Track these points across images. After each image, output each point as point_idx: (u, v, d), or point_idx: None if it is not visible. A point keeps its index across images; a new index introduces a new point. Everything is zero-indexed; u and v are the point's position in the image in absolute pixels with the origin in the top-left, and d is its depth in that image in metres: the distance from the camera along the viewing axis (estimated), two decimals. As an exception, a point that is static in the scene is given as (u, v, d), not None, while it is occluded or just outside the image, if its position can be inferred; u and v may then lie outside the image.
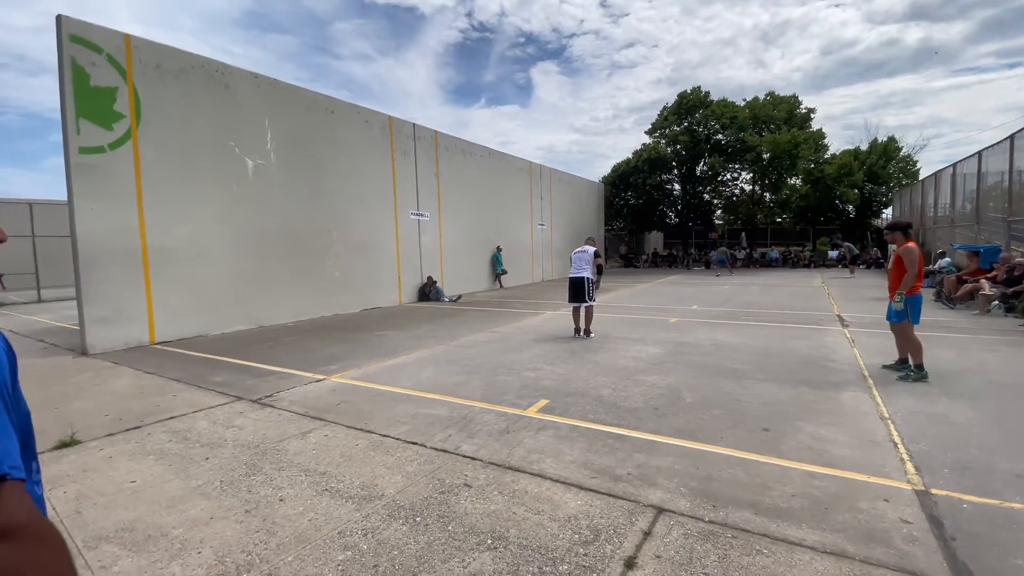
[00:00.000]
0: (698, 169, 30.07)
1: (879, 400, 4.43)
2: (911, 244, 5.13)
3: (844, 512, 2.62)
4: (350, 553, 2.37)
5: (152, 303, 7.84)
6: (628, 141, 78.59)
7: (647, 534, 2.48)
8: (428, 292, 13.22)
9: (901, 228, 5.33)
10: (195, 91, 8.43)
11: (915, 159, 27.83)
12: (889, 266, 5.37)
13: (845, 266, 21.57)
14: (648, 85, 63.76)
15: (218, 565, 2.30)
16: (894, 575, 2.11)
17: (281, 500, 2.89)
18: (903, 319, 5.13)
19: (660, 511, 2.69)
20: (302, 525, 2.62)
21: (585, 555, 2.32)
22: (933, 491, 2.81)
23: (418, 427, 4.00)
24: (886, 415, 4.06)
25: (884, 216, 28.75)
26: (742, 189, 31.11)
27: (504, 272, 16.95)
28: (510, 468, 3.24)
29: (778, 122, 28.04)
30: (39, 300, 15.58)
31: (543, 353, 6.60)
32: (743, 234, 28.99)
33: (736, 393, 4.74)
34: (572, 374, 5.51)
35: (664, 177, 30.41)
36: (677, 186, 31.27)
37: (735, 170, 30.14)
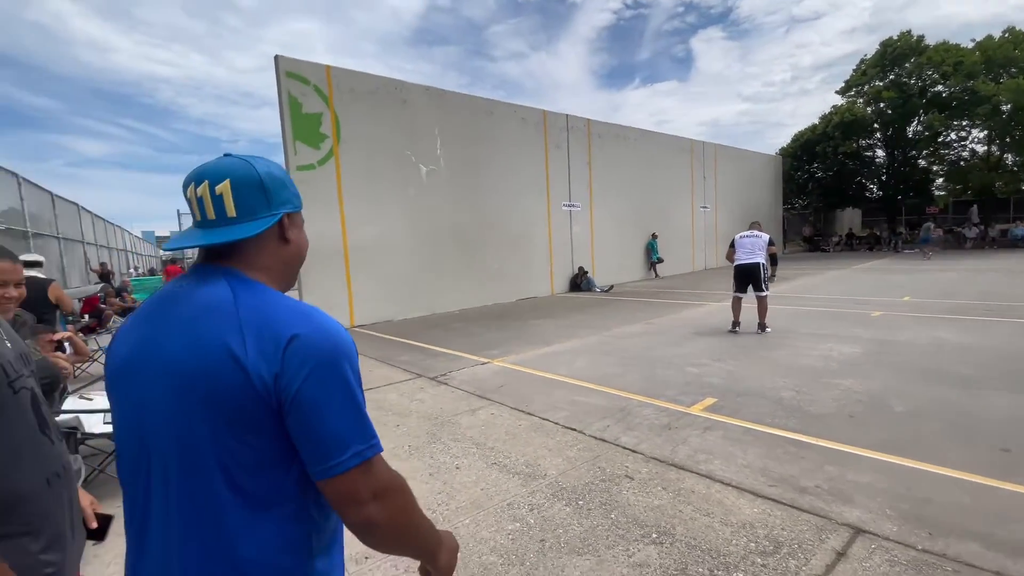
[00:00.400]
0: (909, 130, 24.71)
1: None
2: None
3: None
4: (519, 524, 2.54)
5: (352, 293, 9.31)
6: (811, 105, 68.23)
7: (841, 555, 2.17)
8: (579, 282, 13.30)
9: None
10: (379, 109, 9.70)
11: None
12: None
13: None
14: (838, 37, 54.42)
15: (410, 518, 2.67)
16: None
17: (457, 468, 3.22)
18: None
19: (858, 531, 2.33)
20: (476, 493, 2.89)
21: (763, 566, 2.13)
22: None
23: (576, 414, 4.08)
24: None
25: None
26: (972, 151, 24.72)
27: (660, 260, 16.19)
28: (674, 465, 3.12)
29: (1022, 64, 21.51)
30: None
31: (708, 348, 6.17)
32: (974, 207, 23.02)
33: (963, 404, 3.85)
34: (744, 372, 5.05)
35: (862, 143, 25.69)
36: (880, 152, 26.20)
37: (962, 128, 24.05)
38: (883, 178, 26.24)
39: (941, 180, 26.09)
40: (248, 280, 0.78)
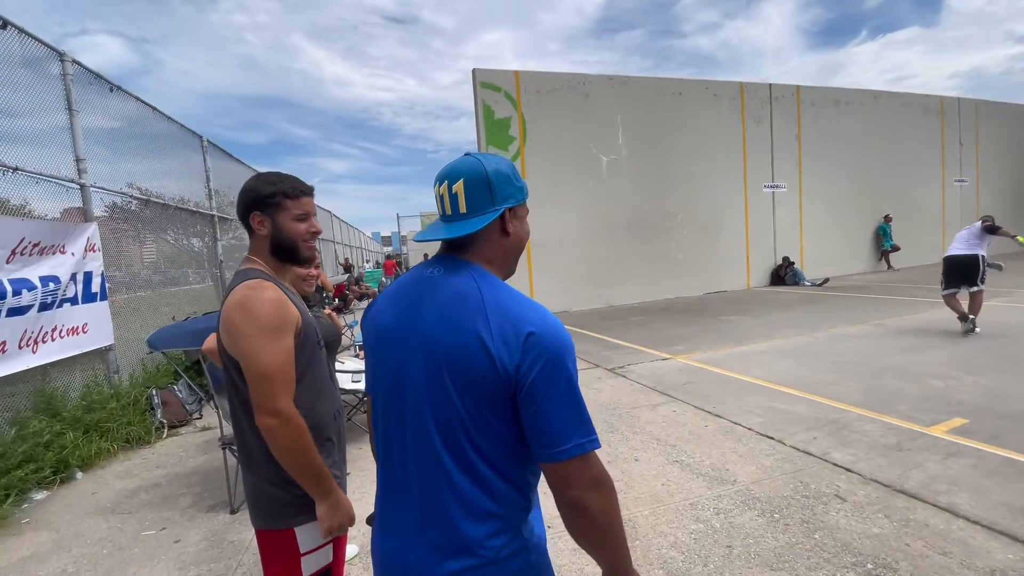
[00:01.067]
0: None
1: None
2: None
3: None
4: (702, 526, 2.44)
5: (533, 285, 9.87)
6: None
7: None
8: (783, 275, 11.73)
9: None
10: (562, 105, 10.01)
11: None
12: None
13: None
14: None
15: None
16: None
17: (636, 460, 3.22)
18: None
19: None
20: (656, 487, 2.86)
21: (1037, 638, 1.67)
22: None
23: (773, 421, 3.68)
24: None
25: None
26: None
27: (895, 248, 13.28)
28: (902, 492, 2.61)
29: None
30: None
31: (960, 356, 4.92)
32: None
33: None
34: (1009, 389, 3.91)
35: None
36: None
37: None
38: None
39: None
40: (487, 274, 0.89)
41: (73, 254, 4.23)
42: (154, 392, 4.72)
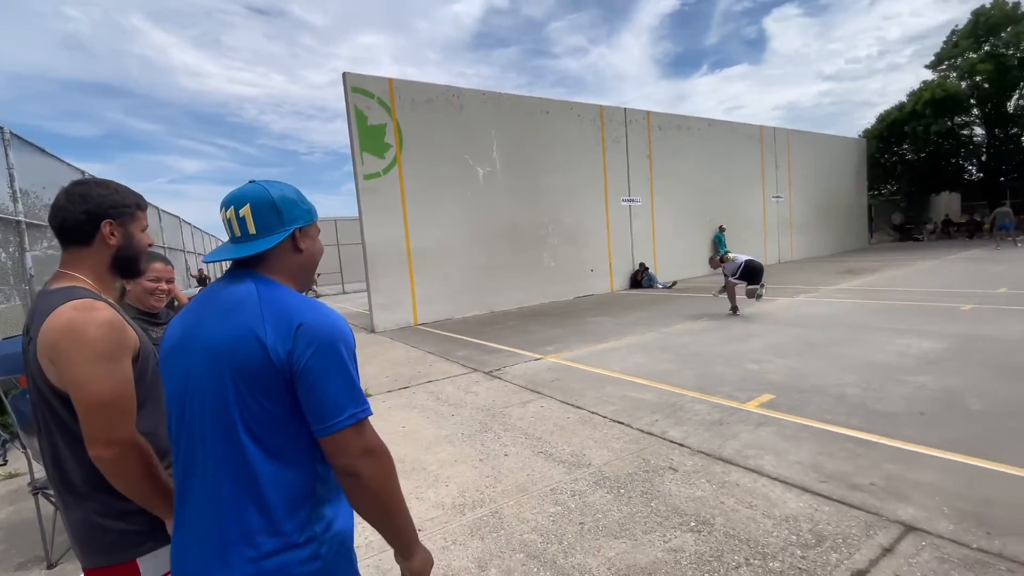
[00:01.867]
0: (1009, 105, 21.95)
1: None
2: None
3: None
4: (560, 508, 2.68)
5: (415, 293, 9.81)
6: (904, 81, 62.10)
7: (887, 550, 2.12)
8: (640, 279, 13.08)
9: None
10: (439, 116, 10.13)
11: None
12: None
13: None
14: (930, 6, 49.12)
15: (459, 497, 2.89)
16: None
17: (506, 455, 3.40)
18: None
19: (909, 529, 2.25)
20: (521, 478, 3.06)
21: (803, 557, 2.13)
22: None
23: (625, 408, 4.13)
24: None
25: None
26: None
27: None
28: (721, 459, 3.12)
29: None
30: (343, 292, 21.06)
31: (773, 344, 5.95)
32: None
33: (1062, 404, 3.49)
34: (808, 368, 4.85)
35: (957, 121, 23.14)
36: (978, 130, 23.45)
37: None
38: (982, 159, 23.46)
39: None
40: (269, 280, 0.98)
41: None
42: (-68, 438, 3.83)
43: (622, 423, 3.82)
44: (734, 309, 8.04)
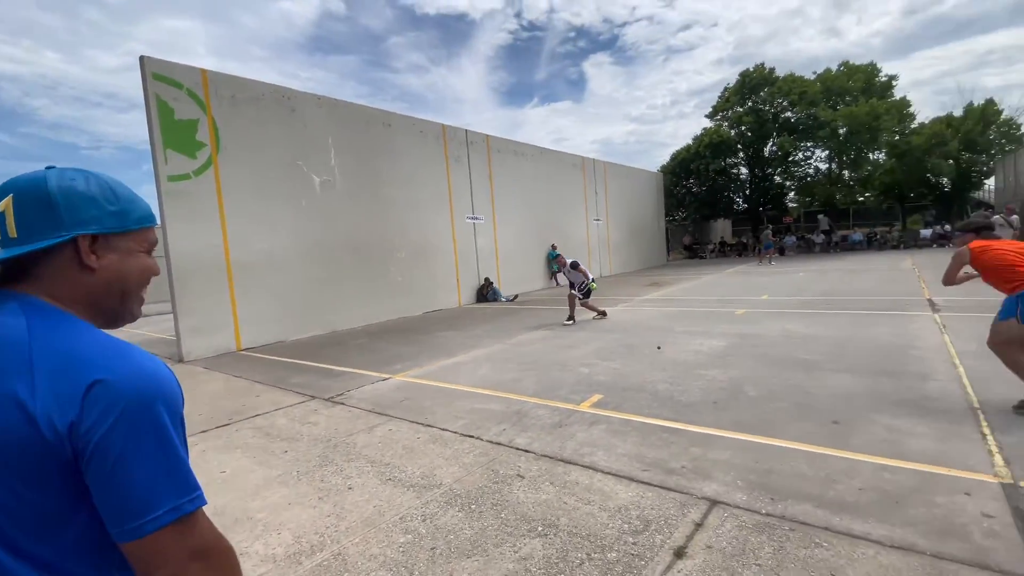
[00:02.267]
0: (766, 150, 28.41)
1: (970, 390, 4.05)
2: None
3: (918, 506, 2.45)
4: (410, 536, 2.54)
5: (237, 313, 8.62)
6: (690, 127, 75.59)
7: (699, 525, 2.45)
8: (485, 293, 13.50)
9: (974, 229, 3.83)
10: (266, 117, 9.17)
11: (1019, 122, 24.64)
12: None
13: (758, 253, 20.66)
14: (709, 67, 61.03)
15: (295, 544, 2.55)
16: (969, 570, 1.96)
17: (350, 488, 3.13)
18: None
19: (714, 503, 2.64)
20: (368, 511, 2.84)
21: (634, 544, 2.34)
22: (1023, 484, 2.56)
23: (474, 421, 4.15)
24: (976, 405, 3.70)
25: (987, 187, 25.74)
26: (817, 168, 29.04)
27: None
28: (562, 460, 3.31)
29: (855, 93, 25.90)
30: (142, 315, 17.54)
31: (599, 348, 6.58)
32: (821, 216, 26.93)
33: (805, 385, 4.51)
34: (628, 369, 5.47)
35: (729, 161, 28.99)
36: (744, 170, 29.73)
37: (808, 149, 28.16)
38: (747, 192, 29.81)
39: (793, 193, 30.23)
40: (49, 309, 0.70)
41: None
42: None
43: (472, 436, 3.82)
44: (571, 318, 8.73)
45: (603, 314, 8.99)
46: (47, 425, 0.62)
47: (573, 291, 8.84)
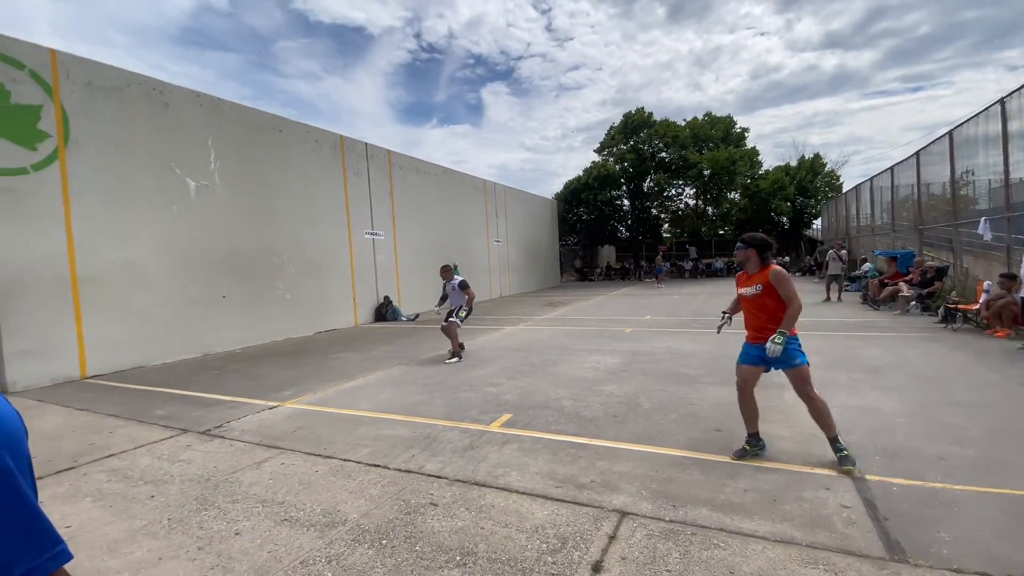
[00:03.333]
0: (645, 185, 31.33)
1: (818, 397, 4.75)
2: (776, 267, 3.43)
3: (791, 502, 2.79)
4: (314, 582, 2.30)
5: (83, 334, 7.31)
6: (578, 159, 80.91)
7: (612, 538, 2.54)
8: (384, 312, 13.00)
9: (759, 246, 3.50)
10: (131, 110, 8.06)
11: (838, 174, 30.21)
12: (748, 292, 3.51)
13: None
14: (595, 106, 66.13)
15: (171, 606, 2.18)
16: (837, 556, 2.27)
17: (237, 534, 2.76)
18: (799, 361, 3.32)
19: (624, 515, 2.77)
20: (261, 558, 2.52)
21: (554, 563, 2.36)
22: (868, 477, 3.05)
23: (380, 449, 3.93)
24: (825, 410, 4.35)
25: (815, 226, 30.88)
26: (687, 203, 32.64)
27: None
28: (476, 484, 3.24)
29: (716, 140, 29.76)
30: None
31: (504, 368, 6.64)
32: (692, 247, 30.28)
33: (690, 397, 4.94)
34: (533, 387, 5.57)
35: (614, 193, 31.43)
36: (626, 202, 32.40)
37: (679, 186, 31.61)
38: (629, 222, 32.56)
39: (667, 225, 33.61)
40: None
41: None
42: None
43: (378, 465, 3.60)
44: (457, 354, 7.35)
45: (461, 348, 7.48)
46: None
47: (453, 318, 7.41)
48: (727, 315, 3.96)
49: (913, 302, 9.98)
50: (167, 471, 3.69)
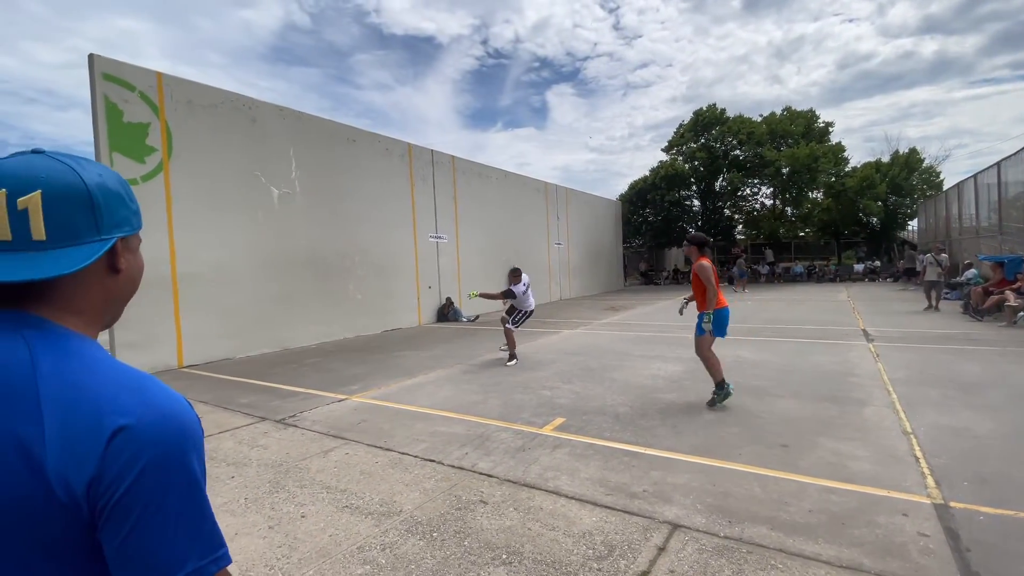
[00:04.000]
0: (717, 185, 29.94)
1: (902, 415, 4.34)
2: (704, 261, 4.89)
3: (862, 527, 2.58)
4: (368, 567, 2.44)
5: (181, 328, 8.14)
6: (645, 159, 78.88)
7: (661, 549, 2.48)
8: (447, 313, 13.38)
9: (698, 243, 5.03)
10: (224, 125, 8.88)
11: (938, 170, 27.30)
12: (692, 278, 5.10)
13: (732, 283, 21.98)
14: (663, 103, 64.20)
15: (243, 578, 2.39)
16: (912, 590, 2.08)
17: (303, 516, 2.98)
18: (703, 334, 4.91)
19: (675, 527, 2.69)
20: (323, 540, 2.70)
21: (599, 570, 2.34)
22: (952, 504, 2.76)
23: (436, 445, 4.07)
24: (908, 430, 3.97)
25: (910, 227, 28.10)
26: (763, 204, 30.83)
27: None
28: (525, 485, 3.28)
29: (796, 136, 27.84)
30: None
31: (560, 371, 6.63)
32: (768, 250, 28.55)
33: (755, 410, 4.69)
34: (589, 392, 5.52)
35: (683, 193, 30.31)
36: (696, 202, 31.14)
37: (755, 185, 29.90)
38: (698, 223, 31.22)
39: (741, 226, 31.88)
40: (54, 331, 0.60)
41: None
42: None
43: (433, 460, 3.74)
44: (514, 356, 7.42)
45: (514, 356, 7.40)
46: (62, 485, 0.53)
47: (510, 326, 7.48)
48: (686, 300, 5.44)
49: (1021, 313, 8.83)
50: (246, 455, 4.04)
